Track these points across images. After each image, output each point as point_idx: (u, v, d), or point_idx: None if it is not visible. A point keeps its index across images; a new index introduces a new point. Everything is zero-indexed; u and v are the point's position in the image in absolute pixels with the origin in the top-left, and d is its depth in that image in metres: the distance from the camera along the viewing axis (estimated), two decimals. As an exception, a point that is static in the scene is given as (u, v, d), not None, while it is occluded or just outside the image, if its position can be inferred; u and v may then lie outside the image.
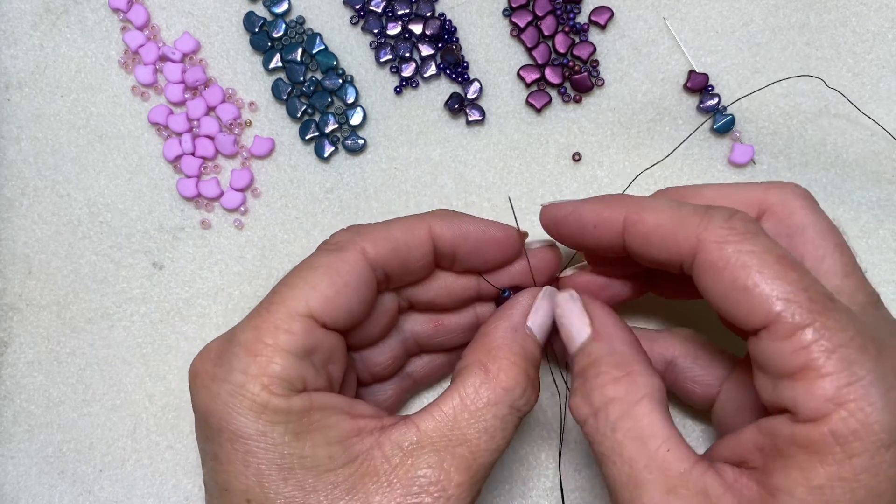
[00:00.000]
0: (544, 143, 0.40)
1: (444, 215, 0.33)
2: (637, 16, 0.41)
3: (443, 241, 0.32)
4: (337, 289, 0.29)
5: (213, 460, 0.29)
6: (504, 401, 0.29)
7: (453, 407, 0.29)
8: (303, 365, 0.28)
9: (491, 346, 0.31)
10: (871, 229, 0.39)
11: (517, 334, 0.31)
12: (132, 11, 0.41)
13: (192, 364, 0.30)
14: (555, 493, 0.39)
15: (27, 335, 0.41)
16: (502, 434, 0.29)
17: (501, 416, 0.29)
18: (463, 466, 0.28)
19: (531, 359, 0.31)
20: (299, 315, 0.29)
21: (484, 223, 0.33)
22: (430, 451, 0.28)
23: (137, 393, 0.40)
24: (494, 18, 0.41)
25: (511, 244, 0.34)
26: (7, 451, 0.40)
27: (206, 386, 0.28)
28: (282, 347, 0.28)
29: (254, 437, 0.27)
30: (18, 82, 0.42)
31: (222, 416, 0.28)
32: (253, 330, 0.29)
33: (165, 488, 0.40)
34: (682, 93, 0.40)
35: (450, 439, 0.29)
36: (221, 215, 0.41)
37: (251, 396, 0.27)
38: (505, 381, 0.29)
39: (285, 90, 0.41)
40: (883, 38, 0.40)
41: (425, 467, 0.28)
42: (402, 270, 0.32)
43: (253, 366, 0.28)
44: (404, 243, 0.31)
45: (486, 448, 0.29)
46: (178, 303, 0.41)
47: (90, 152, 0.41)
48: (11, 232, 0.41)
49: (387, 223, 0.32)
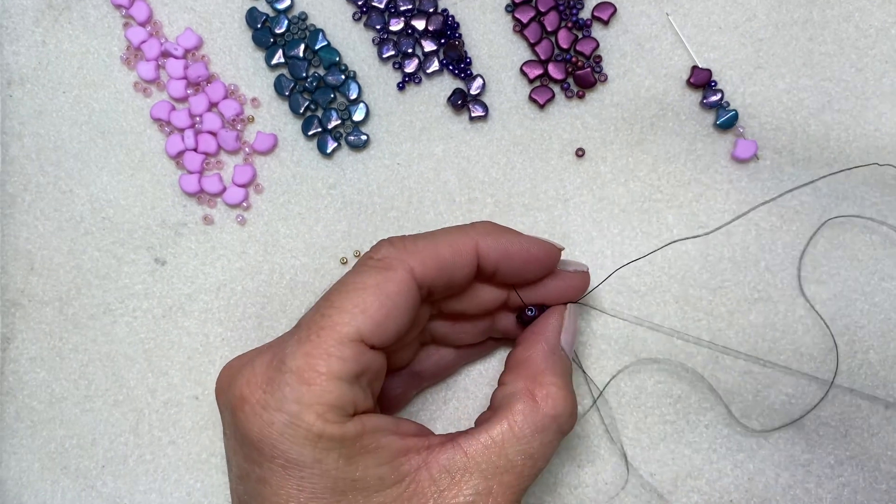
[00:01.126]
0: (547, 138, 0.40)
1: (489, 231, 0.32)
2: (640, 11, 0.41)
3: (487, 260, 0.32)
4: (387, 312, 0.29)
5: (260, 483, 0.28)
6: (552, 427, 0.30)
7: (502, 433, 0.30)
8: (354, 389, 0.28)
9: (535, 372, 0.31)
10: (873, 226, 0.39)
11: (555, 357, 0.32)
12: (134, 7, 0.41)
13: (234, 386, 0.29)
14: (558, 489, 0.39)
15: (29, 331, 0.41)
16: (544, 458, 0.30)
17: (548, 442, 0.30)
18: (509, 494, 0.29)
19: (569, 379, 0.32)
20: (350, 340, 0.28)
21: (527, 241, 0.33)
22: (478, 477, 0.29)
23: (140, 388, 0.40)
24: (497, 14, 0.41)
25: (550, 261, 0.34)
26: (10, 446, 0.40)
27: (258, 414, 0.28)
28: (335, 375, 0.28)
29: (308, 465, 0.27)
30: (21, 78, 0.42)
31: (276, 445, 0.27)
32: (305, 357, 0.28)
33: (168, 483, 0.40)
34: (685, 88, 0.40)
35: (496, 466, 0.29)
36: (224, 211, 0.41)
37: (307, 426, 0.27)
38: (553, 407, 0.30)
39: (288, 86, 0.41)
40: (886, 34, 0.40)
41: (471, 493, 0.28)
42: (446, 287, 0.32)
43: (307, 395, 0.27)
44: (451, 261, 0.31)
45: (530, 473, 0.30)
46: (181, 298, 0.40)
47: (92, 148, 0.41)
48: (14, 228, 0.41)
49: (433, 238, 0.31)
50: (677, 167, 0.40)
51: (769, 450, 0.38)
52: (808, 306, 0.39)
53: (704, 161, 0.40)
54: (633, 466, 0.38)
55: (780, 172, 0.39)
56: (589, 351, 0.39)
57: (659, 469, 0.38)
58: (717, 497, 0.38)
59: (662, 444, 0.38)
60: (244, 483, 0.29)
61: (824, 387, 0.38)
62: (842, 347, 0.38)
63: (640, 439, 0.38)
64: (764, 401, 0.38)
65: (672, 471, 0.38)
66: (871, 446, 0.38)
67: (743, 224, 0.39)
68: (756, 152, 0.39)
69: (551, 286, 0.34)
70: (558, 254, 0.34)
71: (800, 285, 0.39)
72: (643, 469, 0.38)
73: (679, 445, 0.38)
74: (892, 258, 0.39)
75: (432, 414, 0.40)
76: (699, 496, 0.38)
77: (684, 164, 0.40)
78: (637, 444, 0.38)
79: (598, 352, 0.39)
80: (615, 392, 0.39)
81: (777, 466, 0.38)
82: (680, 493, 0.38)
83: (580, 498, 0.38)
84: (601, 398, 0.39)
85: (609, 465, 0.38)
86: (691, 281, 0.39)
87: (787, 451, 0.38)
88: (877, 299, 0.39)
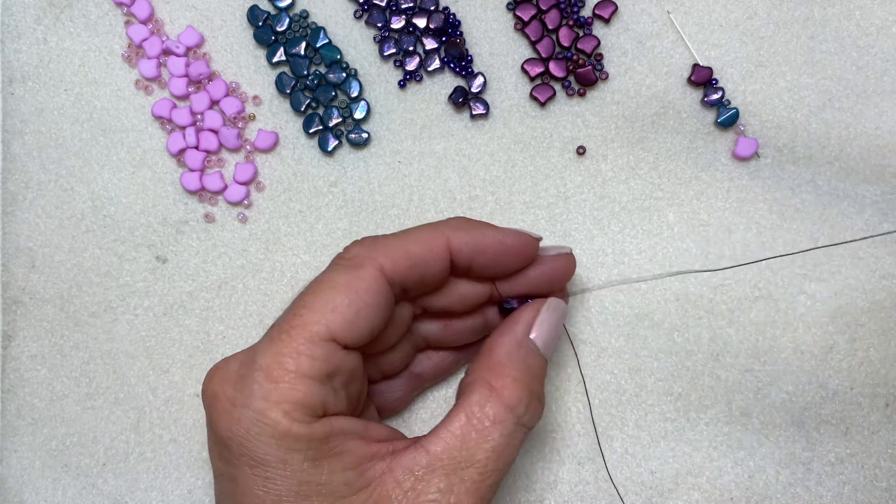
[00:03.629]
0: (548, 136, 0.40)
1: (460, 225, 0.32)
2: (641, 9, 0.41)
3: (461, 255, 0.32)
4: (357, 309, 0.29)
5: (231, 482, 0.28)
6: (509, 418, 0.29)
7: (460, 426, 0.29)
8: (324, 389, 0.28)
9: (494, 363, 0.31)
10: (874, 223, 0.39)
11: (521, 350, 0.31)
12: (136, 5, 0.41)
13: (210, 385, 0.29)
14: (558, 486, 0.39)
15: (31, 329, 0.41)
16: (509, 452, 0.30)
17: (508, 434, 0.29)
18: (472, 489, 0.29)
19: (535, 373, 0.31)
20: (321, 339, 0.28)
21: (501, 232, 0.32)
22: (441, 475, 0.28)
23: (141, 386, 0.40)
24: (498, 12, 0.41)
25: (527, 252, 0.33)
26: (11, 444, 0.40)
27: (227, 411, 0.28)
28: (304, 373, 0.28)
29: (273, 464, 0.27)
30: (22, 76, 0.42)
31: (243, 442, 0.27)
32: (274, 355, 0.28)
33: (169, 481, 0.40)
34: (686, 86, 0.40)
35: (458, 461, 0.29)
36: (225, 209, 0.41)
37: (273, 424, 0.27)
38: (508, 398, 0.30)
39: (289, 84, 0.41)
40: (887, 32, 0.40)
41: (435, 492, 0.28)
42: (419, 284, 0.32)
43: (274, 392, 0.27)
44: (422, 258, 0.31)
45: (493, 468, 0.29)
46: (182, 296, 0.40)
47: (94, 146, 0.41)
48: (15, 226, 0.41)
49: (403, 235, 0.31)
50: (678, 165, 0.40)
51: (770, 447, 0.38)
52: (808, 304, 0.39)
53: (705, 159, 0.40)
54: (634, 463, 0.38)
55: (781, 171, 0.39)
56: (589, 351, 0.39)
57: (659, 466, 0.38)
58: (718, 495, 0.38)
59: (663, 441, 0.38)
60: (219, 483, 0.29)
61: (825, 385, 0.38)
62: (842, 346, 0.38)
63: (641, 437, 0.38)
64: (765, 398, 0.38)
65: (673, 468, 0.38)
66: (872, 444, 0.38)
67: (744, 222, 0.39)
68: (757, 150, 0.40)
69: (534, 274, 0.34)
70: (535, 243, 0.33)
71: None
72: (644, 466, 0.38)
73: (679, 443, 0.38)
74: (894, 256, 0.39)
75: (433, 413, 0.40)
76: (700, 494, 0.38)
77: (685, 163, 0.40)
78: (637, 441, 0.38)
79: (598, 350, 0.39)
80: (615, 390, 0.39)
81: (778, 464, 0.38)
82: (681, 491, 0.38)
83: (580, 495, 0.38)
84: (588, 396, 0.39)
85: (609, 462, 0.38)
86: (692, 278, 0.39)
87: (787, 449, 0.38)
88: (877, 297, 0.39)
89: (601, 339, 0.39)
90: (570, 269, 0.35)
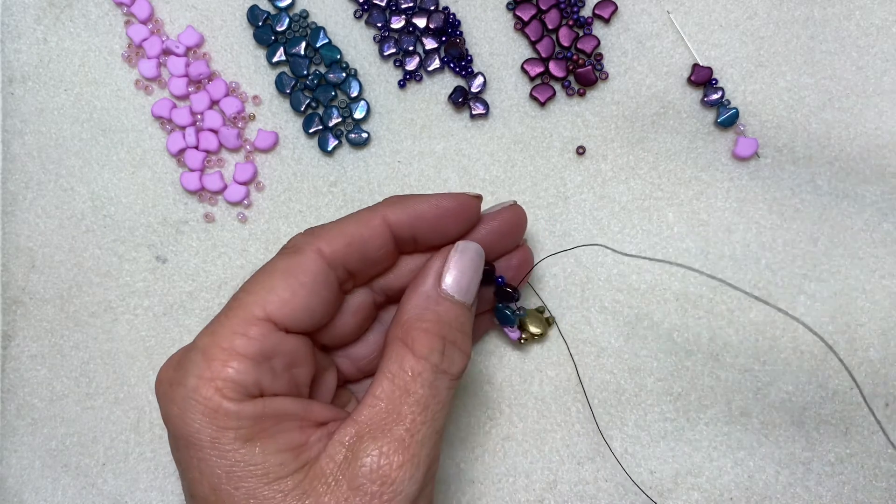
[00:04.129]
0: (548, 136, 0.40)
1: (396, 201, 0.32)
2: (641, 9, 0.41)
3: (399, 226, 0.32)
4: (294, 291, 0.29)
5: (179, 468, 0.29)
6: (426, 368, 0.29)
7: (383, 389, 0.29)
8: (259, 369, 0.28)
9: (405, 320, 0.30)
10: (874, 223, 0.39)
11: (429, 300, 0.31)
12: (136, 5, 0.41)
13: (158, 371, 0.30)
14: (558, 485, 0.39)
15: (31, 329, 0.41)
16: (436, 402, 0.29)
17: (429, 384, 0.29)
18: (401, 447, 0.28)
19: (449, 321, 0.31)
20: (256, 319, 0.29)
21: (435, 198, 0.32)
22: (368, 440, 0.28)
23: (140, 386, 0.40)
24: (498, 12, 0.41)
25: (466, 211, 0.33)
26: (10, 444, 0.40)
27: (166, 392, 0.28)
28: (237, 351, 0.28)
29: (206, 443, 0.27)
30: (22, 76, 0.42)
31: (177, 423, 0.28)
32: (210, 335, 0.29)
33: (168, 482, 0.40)
34: (685, 86, 0.40)
35: (385, 422, 0.28)
36: (225, 209, 0.41)
37: (203, 401, 0.27)
38: (419, 349, 0.29)
39: (289, 84, 0.41)
40: (887, 32, 0.40)
41: (364, 456, 0.28)
42: (362, 263, 0.32)
43: (207, 370, 0.28)
44: (359, 237, 0.31)
45: (421, 421, 0.29)
46: (182, 296, 0.40)
47: (94, 146, 0.41)
48: (15, 226, 0.41)
49: (341, 220, 0.32)
50: (678, 165, 0.40)
51: (769, 447, 0.38)
52: (808, 304, 0.39)
53: (705, 159, 0.40)
54: (633, 464, 0.38)
55: (781, 170, 0.39)
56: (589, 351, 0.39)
57: (659, 466, 0.38)
58: (718, 495, 0.38)
59: (663, 441, 0.38)
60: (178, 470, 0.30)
61: (825, 385, 0.38)
62: (842, 345, 0.38)
63: (640, 437, 0.38)
64: (765, 398, 0.38)
65: (672, 468, 0.38)
66: (872, 444, 0.38)
67: (743, 222, 0.39)
68: (757, 150, 0.39)
69: (483, 233, 0.34)
70: (473, 201, 0.33)
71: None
72: (643, 466, 0.38)
73: (679, 443, 0.38)
74: (893, 255, 0.39)
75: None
76: (699, 494, 0.38)
77: (685, 162, 0.40)
78: (637, 441, 0.38)
79: (597, 350, 0.39)
80: (615, 390, 0.39)
81: (777, 464, 0.38)
82: (680, 491, 0.38)
83: (580, 495, 0.38)
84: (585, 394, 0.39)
85: (609, 462, 0.38)
86: (692, 279, 0.39)
87: (787, 449, 0.38)
88: (877, 297, 0.39)
89: (601, 339, 0.39)
90: (520, 220, 0.35)
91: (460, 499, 0.39)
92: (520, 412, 0.39)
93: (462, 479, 0.39)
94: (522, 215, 0.35)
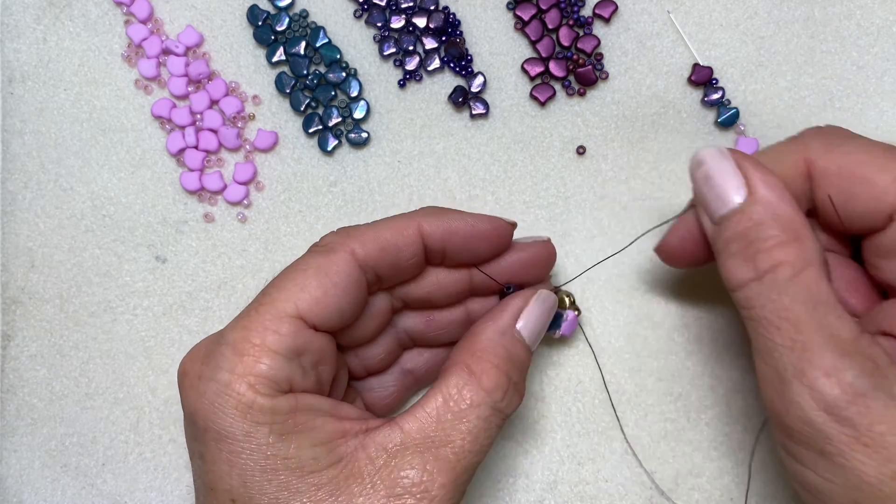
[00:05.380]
0: (548, 136, 0.40)
1: (432, 212, 0.33)
2: (641, 9, 0.41)
3: (432, 239, 0.32)
4: (326, 290, 0.29)
5: (200, 459, 0.29)
6: (486, 402, 0.30)
7: (436, 407, 0.29)
8: (290, 366, 0.28)
9: (476, 348, 0.31)
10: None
11: (504, 338, 0.31)
12: (135, 5, 0.41)
13: (182, 363, 0.30)
14: (558, 486, 0.38)
15: (30, 329, 0.41)
16: (486, 435, 0.29)
17: (485, 418, 0.29)
18: (446, 468, 0.28)
19: (517, 362, 0.31)
20: (288, 316, 0.29)
21: (472, 217, 0.33)
22: (414, 453, 0.28)
23: (140, 386, 0.40)
24: (498, 12, 0.41)
25: (499, 236, 0.33)
26: (10, 444, 0.40)
27: (193, 385, 0.28)
28: (269, 348, 0.28)
29: (238, 438, 0.27)
30: (22, 76, 0.42)
31: (208, 416, 0.28)
32: (241, 330, 0.29)
33: (168, 482, 0.40)
34: (686, 86, 0.40)
35: (433, 440, 0.29)
36: (224, 209, 0.41)
37: (237, 396, 0.27)
38: (487, 383, 0.30)
39: (289, 83, 0.41)
40: (888, 32, 0.40)
41: (408, 468, 0.28)
42: (392, 270, 0.32)
43: (239, 365, 0.28)
44: (393, 243, 0.31)
45: (469, 450, 0.29)
46: (181, 296, 0.40)
47: (93, 146, 0.41)
48: (14, 225, 0.41)
49: (376, 223, 0.32)
50: (678, 165, 0.40)
51: (770, 447, 0.38)
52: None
53: (705, 159, 0.40)
54: (634, 464, 0.38)
55: (781, 170, 0.39)
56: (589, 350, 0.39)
57: (660, 467, 0.38)
58: (718, 495, 0.38)
59: (663, 441, 0.38)
60: (192, 464, 0.30)
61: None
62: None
63: (641, 437, 0.38)
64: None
65: (673, 468, 0.38)
66: (872, 444, 0.38)
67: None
68: (757, 150, 0.39)
69: (510, 261, 0.34)
70: (507, 227, 0.34)
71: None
72: (644, 466, 0.38)
73: (680, 443, 0.38)
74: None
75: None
76: (700, 494, 0.38)
77: (685, 162, 0.40)
78: (637, 441, 0.38)
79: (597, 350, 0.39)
80: (615, 390, 0.39)
81: (778, 464, 0.38)
82: (681, 491, 0.38)
83: (580, 495, 0.38)
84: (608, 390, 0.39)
85: (609, 462, 0.38)
86: (691, 277, 0.39)
87: (788, 449, 0.38)
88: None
89: (601, 339, 0.39)
90: (549, 256, 0.35)
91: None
92: (520, 412, 0.39)
93: (462, 480, 0.39)
94: (552, 252, 0.35)
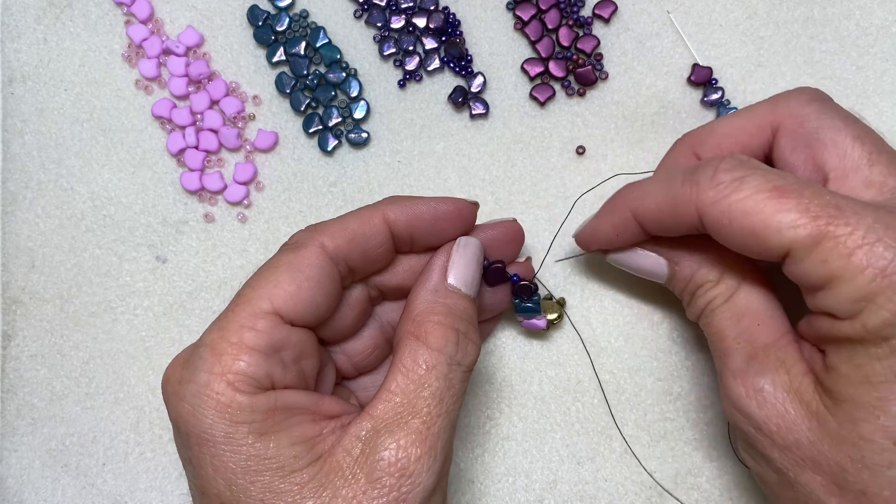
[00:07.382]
0: (548, 136, 0.40)
1: (396, 200, 0.33)
2: (641, 9, 0.41)
3: (398, 226, 0.33)
4: (299, 284, 0.30)
5: (189, 465, 0.29)
6: (441, 360, 0.30)
7: (397, 383, 0.29)
8: (269, 362, 0.29)
9: (415, 315, 0.31)
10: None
11: (438, 294, 0.32)
12: (136, 5, 0.41)
13: (165, 371, 0.30)
14: (558, 486, 0.39)
15: (30, 329, 0.41)
16: (450, 394, 0.30)
17: (444, 376, 0.30)
18: (419, 439, 0.28)
19: (459, 312, 0.31)
20: (263, 312, 0.29)
21: (434, 201, 0.33)
22: (385, 434, 0.28)
23: (140, 386, 0.40)
24: (498, 12, 0.41)
25: (463, 216, 0.34)
26: (10, 444, 0.40)
27: (175, 391, 0.28)
28: (247, 345, 0.28)
29: (219, 439, 0.27)
30: (22, 76, 0.42)
31: (189, 420, 0.28)
32: (218, 331, 0.29)
33: (168, 481, 0.40)
34: (685, 86, 0.40)
35: (401, 416, 0.29)
36: (225, 209, 0.41)
37: (215, 396, 0.27)
38: (434, 341, 0.30)
39: (289, 84, 0.41)
40: (887, 32, 0.40)
41: (382, 450, 0.28)
42: (363, 260, 0.32)
43: (217, 365, 0.28)
44: (361, 233, 0.32)
45: (436, 413, 0.29)
46: (182, 296, 0.40)
47: (94, 146, 0.41)
48: (15, 225, 0.41)
49: (343, 217, 0.32)
50: (678, 165, 0.40)
51: (770, 447, 0.38)
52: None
53: (705, 159, 0.40)
54: (633, 463, 0.38)
55: (781, 170, 0.39)
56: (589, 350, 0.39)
57: (659, 466, 0.38)
58: (718, 495, 0.38)
59: (663, 441, 0.38)
60: (185, 469, 0.30)
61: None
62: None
63: (640, 437, 0.38)
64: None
65: (672, 468, 0.38)
66: (872, 444, 0.38)
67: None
68: (757, 150, 0.39)
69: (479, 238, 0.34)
70: (470, 207, 0.34)
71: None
72: (643, 466, 0.38)
73: (679, 443, 0.38)
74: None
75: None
76: (699, 494, 0.38)
77: (685, 162, 0.40)
78: (637, 441, 0.38)
79: (597, 350, 0.39)
80: (615, 390, 0.39)
81: (778, 464, 0.38)
82: (680, 491, 0.38)
83: (580, 495, 0.38)
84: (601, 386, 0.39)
85: (609, 462, 0.38)
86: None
87: (787, 449, 0.38)
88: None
89: (601, 339, 0.39)
90: (516, 234, 0.36)
91: (460, 499, 0.39)
92: (520, 412, 0.39)
93: (462, 479, 0.39)
94: (520, 231, 0.36)
